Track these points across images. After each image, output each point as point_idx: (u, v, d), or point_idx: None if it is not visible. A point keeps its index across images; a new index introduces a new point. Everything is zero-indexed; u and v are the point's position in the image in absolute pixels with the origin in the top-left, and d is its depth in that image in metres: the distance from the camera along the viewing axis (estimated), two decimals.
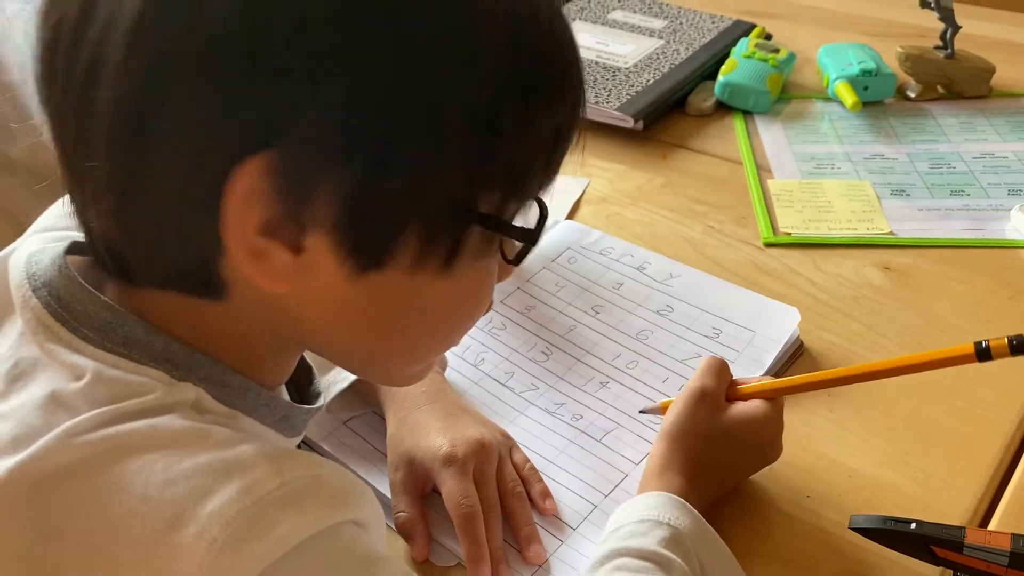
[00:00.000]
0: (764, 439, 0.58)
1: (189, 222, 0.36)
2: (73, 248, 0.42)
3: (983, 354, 0.51)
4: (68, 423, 0.36)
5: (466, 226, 0.38)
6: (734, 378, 0.60)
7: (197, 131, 0.34)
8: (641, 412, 0.64)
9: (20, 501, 0.35)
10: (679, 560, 0.49)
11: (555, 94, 0.38)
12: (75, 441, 0.36)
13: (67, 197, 0.39)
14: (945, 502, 0.58)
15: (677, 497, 0.52)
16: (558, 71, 0.38)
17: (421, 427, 0.59)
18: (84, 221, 0.39)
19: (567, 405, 0.66)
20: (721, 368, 0.59)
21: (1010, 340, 0.50)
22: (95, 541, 0.35)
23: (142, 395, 0.37)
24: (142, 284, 0.39)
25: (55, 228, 0.46)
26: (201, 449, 0.36)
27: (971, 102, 1.03)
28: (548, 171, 0.40)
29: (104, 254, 0.39)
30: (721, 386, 0.58)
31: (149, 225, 0.36)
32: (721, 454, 0.56)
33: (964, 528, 0.50)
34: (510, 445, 0.60)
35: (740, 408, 0.57)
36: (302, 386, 0.51)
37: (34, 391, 0.38)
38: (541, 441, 0.63)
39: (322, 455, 0.62)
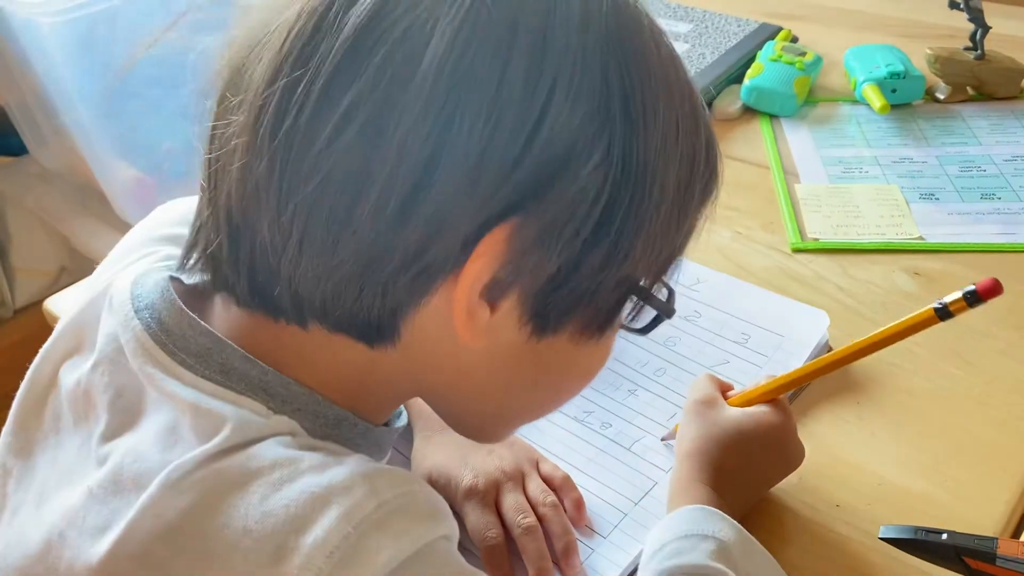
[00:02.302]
0: (779, 439, 0.58)
1: (408, 276, 0.37)
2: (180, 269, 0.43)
3: (944, 313, 0.53)
4: (170, 467, 0.37)
5: (627, 298, 0.41)
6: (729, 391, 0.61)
7: (465, 203, 0.35)
8: (663, 440, 0.64)
9: (136, 555, 0.36)
10: (731, 572, 0.48)
11: (716, 172, 0.43)
12: (181, 485, 0.36)
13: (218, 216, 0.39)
14: (977, 512, 0.58)
15: (714, 509, 0.52)
16: (717, 152, 0.43)
17: (444, 451, 0.59)
18: (239, 248, 0.39)
19: (596, 413, 0.66)
20: (706, 381, 0.60)
21: (964, 295, 0.51)
22: None
23: (242, 428, 0.38)
24: (299, 322, 0.39)
25: (157, 238, 0.48)
26: (295, 475, 0.36)
27: (1002, 103, 1.02)
28: (684, 248, 0.43)
29: (248, 284, 0.39)
30: (714, 395, 0.59)
31: (355, 273, 0.37)
32: (740, 458, 0.56)
33: (996, 539, 0.50)
34: (535, 459, 0.60)
35: (745, 410, 0.58)
36: None
37: (147, 428, 0.39)
38: (570, 450, 0.63)
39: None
